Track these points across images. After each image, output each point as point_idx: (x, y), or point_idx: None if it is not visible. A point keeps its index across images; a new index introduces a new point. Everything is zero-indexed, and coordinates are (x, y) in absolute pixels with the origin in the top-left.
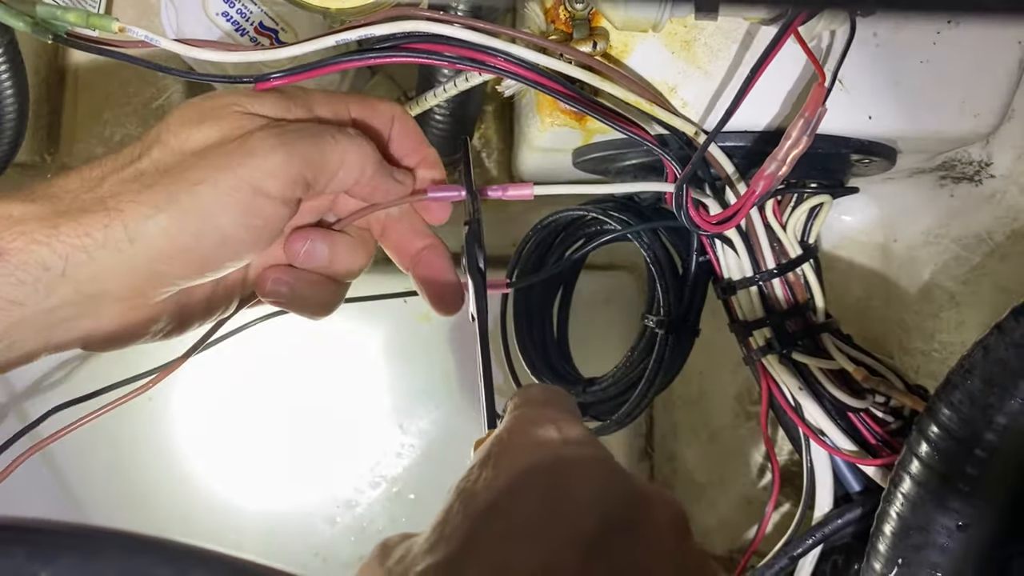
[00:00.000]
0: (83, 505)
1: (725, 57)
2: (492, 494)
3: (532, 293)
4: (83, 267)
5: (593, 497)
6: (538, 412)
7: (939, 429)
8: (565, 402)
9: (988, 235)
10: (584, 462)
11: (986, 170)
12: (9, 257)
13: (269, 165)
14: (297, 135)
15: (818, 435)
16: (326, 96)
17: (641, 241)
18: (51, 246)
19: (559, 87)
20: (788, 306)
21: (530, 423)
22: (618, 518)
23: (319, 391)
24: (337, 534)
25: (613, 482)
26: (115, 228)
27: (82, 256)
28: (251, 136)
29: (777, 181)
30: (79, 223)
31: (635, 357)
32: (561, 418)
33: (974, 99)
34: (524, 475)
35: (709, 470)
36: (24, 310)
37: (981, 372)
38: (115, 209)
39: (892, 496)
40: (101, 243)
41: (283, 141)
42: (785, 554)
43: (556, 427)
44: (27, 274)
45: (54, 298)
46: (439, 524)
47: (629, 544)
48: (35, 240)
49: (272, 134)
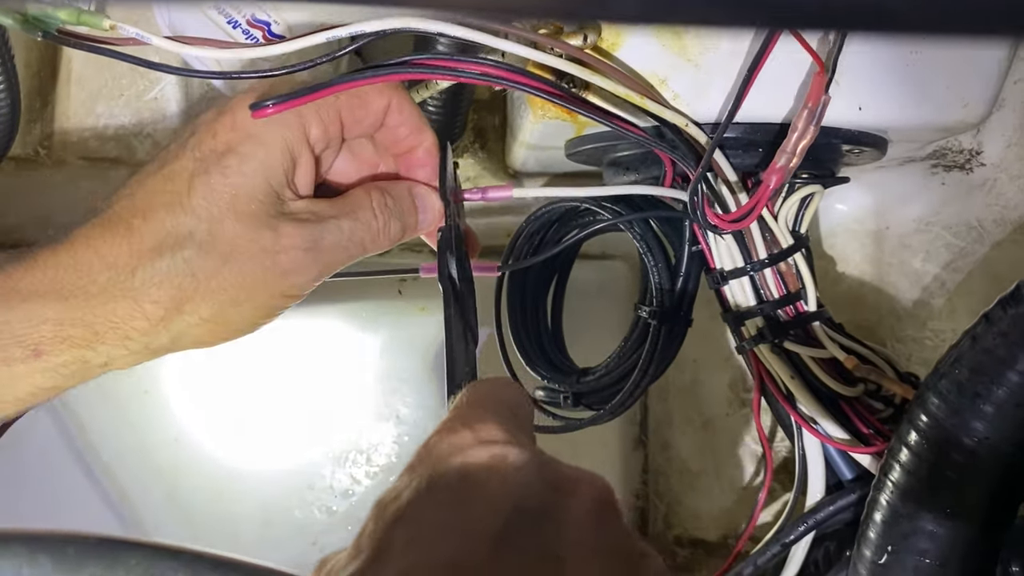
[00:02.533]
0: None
1: (715, 48)
2: (402, 503)
3: (526, 283)
4: (122, 360)
5: (504, 492)
6: (465, 413)
7: (927, 418)
8: (508, 396)
9: (979, 223)
10: (495, 459)
11: (977, 158)
12: (50, 358)
13: (301, 281)
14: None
15: (810, 423)
16: (316, 115)
17: (634, 231)
18: (94, 349)
19: (547, 88)
20: (780, 295)
21: (448, 430)
22: (533, 508)
23: (316, 382)
24: (335, 523)
25: (527, 474)
26: (158, 334)
27: (122, 351)
28: (286, 255)
29: (789, 174)
30: (119, 330)
31: (628, 347)
32: (485, 418)
33: (964, 89)
34: (432, 480)
35: (703, 458)
36: (53, 392)
37: (969, 361)
38: (154, 316)
39: (882, 484)
40: (143, 344)
41: (315, 258)
42: (777, 541)
43: (471, 429)
44: (67, 369)
45: (90, 375)
46: (357, 536)
47: (543, 532)
48: (76, 345)
49: (305, 249)
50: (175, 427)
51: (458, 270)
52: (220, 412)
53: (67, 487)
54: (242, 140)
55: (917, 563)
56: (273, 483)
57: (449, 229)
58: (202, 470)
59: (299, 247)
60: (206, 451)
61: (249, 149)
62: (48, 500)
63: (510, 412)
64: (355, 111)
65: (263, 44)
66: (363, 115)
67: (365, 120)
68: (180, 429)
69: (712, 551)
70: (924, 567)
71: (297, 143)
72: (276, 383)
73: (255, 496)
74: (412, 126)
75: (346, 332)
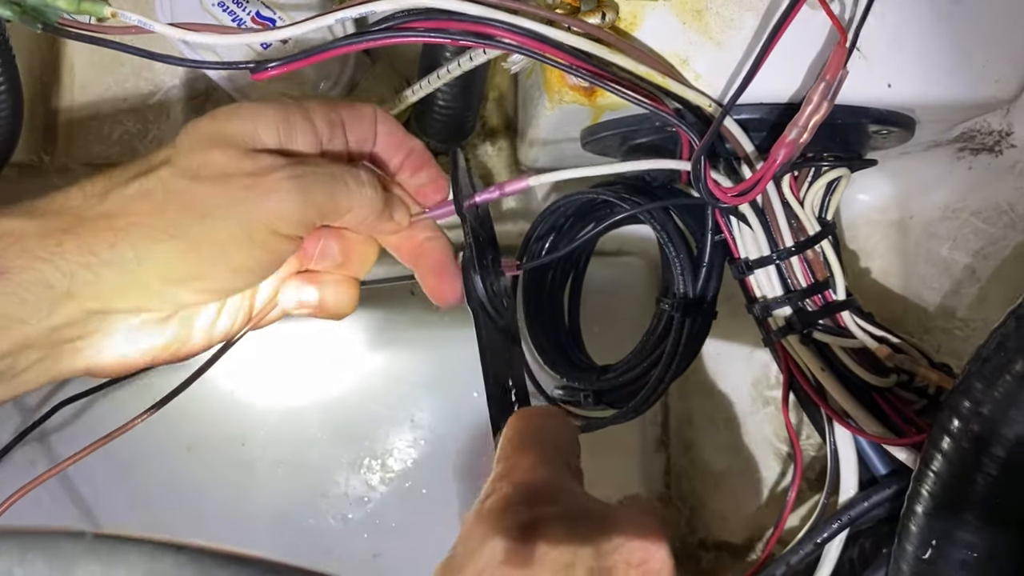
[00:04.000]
0: None
1: (738, 26)
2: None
3: (543, 281)
4: (89, 286)
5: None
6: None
7: (971, 404)
8: (551, 430)
9: (1010, 207)
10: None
11: (1006, 140)
12: (12, 275)
13: (284, 209)
14: (314, 180)
15: (842, 416)
16: (321, 107)
17: (653, 222)
18: (55, 264)
19: (570, 58)
20: (807, 284)
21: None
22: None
23: (329, 388)
24: (350, 531)
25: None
26: (122, 248)
27: (87, 275)
28: (268, 176)
29: (798, 149)
30: (83, 240)
31: (651, 342)
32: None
33: (996, 63)
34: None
35: (727, 458)
36: (27, 328)
37: (1015, 343)
38: (122, 229)
39: (923, 475)
40: (107, 261)
41: (300, 186)
42: (810, 539)
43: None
44: (30, 292)
45: (58, 316)
46: None
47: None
48: (38, 258)
49: (289, 176)
50: (188, 435)
51: (486, 288)
52: (232, 419)
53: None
54: (237, 106)
55: (964, 557)
56: (286, 491)
57: (469, 247)
58: (215, 478)
59: (282, 173)
60: (218, 459)
61: (244, 105)
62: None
63: (554, 449)
64: (350, 111)
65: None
66: (357, 117)
67: (361, 123)
68: (193, 437)
69: (738, 554)
70: (972, 561)
71: (295, 110)
72: (288, 389)
73: (268, 504)
74: (397, 135)
75: (358, 335)
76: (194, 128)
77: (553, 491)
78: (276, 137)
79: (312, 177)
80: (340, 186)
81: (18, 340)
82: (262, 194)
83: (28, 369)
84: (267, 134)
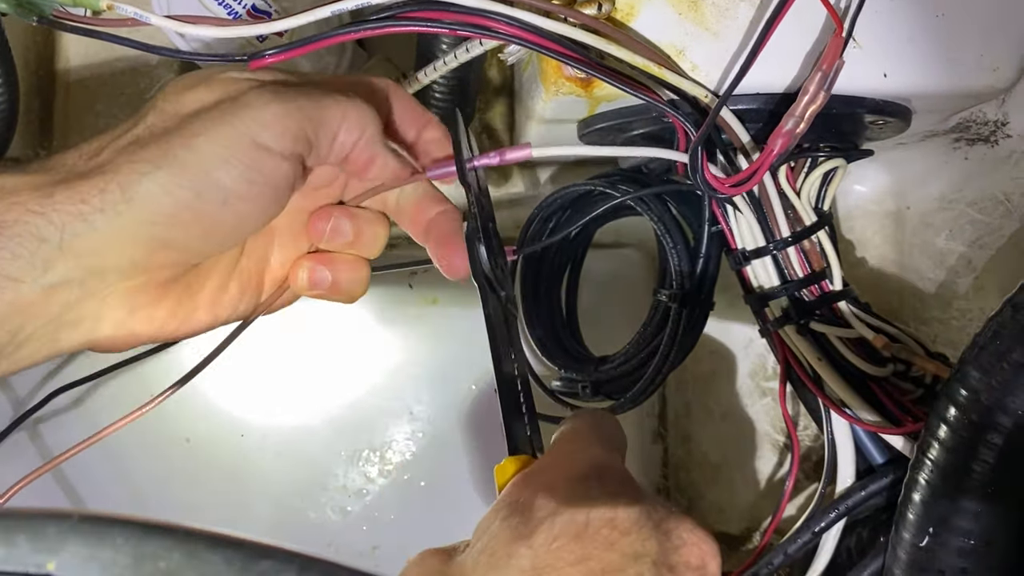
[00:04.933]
0: None
1: (734, 16)
2: None
3: (540, 272)
4: (81, 238)
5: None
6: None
7: (968, 392)
8: (611, 428)
9: (1006, 197)
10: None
11: (1002, 130)
12: (3, 229)
13: (266, 116)
14: (296, 91)
15: (839, 406)
16: (323, 80)
17: (651, 212)
18: (46, 216)
19: (566, 50)
20: (804, 275)
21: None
22: None
23: (327, 380)
24: (349, 524)
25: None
26: (111, 190)
27: (79, 225)
28: (247, 92)
29: (795, 139)
30: (74, 190)
31: (648, 333)
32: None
33: (992, 52)
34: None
35: (724, 450)
36: (22, 287)
37: (1011, 331)
38: (110, 171)
39: (920, 463)
40: (98, 207)
41: (280, 96)
42: (808, 528)
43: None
44: (22, 247)
45: (53, 274)
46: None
47: None
48: (29, 210)
49: (269, 89)
50: (186, 428)
51: (491, 262)
52: (230, 412)
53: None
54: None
55: (961, 544)
56: (285, 484)
57: (475, 217)
58: (213, 471)
59: (261, 87)
60: (217, 451)
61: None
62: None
63: (611, 442)
64: (362, 89)
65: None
66: (371, 96)
67: (372, 99)
68: (191, 430)
69: (736, 545)
70: (968, 548)
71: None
72: (286, 382)
73: (267, 497)
74: (411, 108)
75: (356, 328)
76: (181, 76)
77: (620, 475)
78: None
79: (296, 89)
80: (326, 97)
81: (14, 303)
82: (241, 107)
83: (28, 341)
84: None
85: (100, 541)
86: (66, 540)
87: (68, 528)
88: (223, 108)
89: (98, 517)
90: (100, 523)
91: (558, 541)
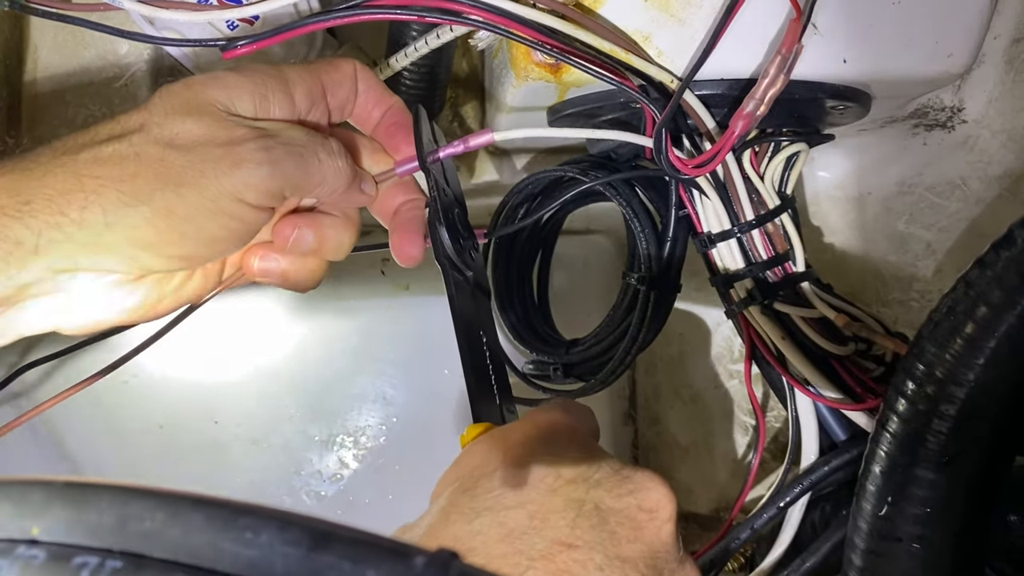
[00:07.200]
0: None
1: (699, 4)
2: None
3: (511, 258)
4: (58, 244)
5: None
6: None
7: (924, 366)
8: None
9: (963, 181)
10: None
11: (958, 116)
12: None
13: (254, 180)
14: (285, 153)
15: (802, 384)
16: (298, 72)
17: (619, 197)
18: (23, 221)
19: (535, 34)
20: (768, 257)
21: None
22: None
23: (300, 366)
24: (324, 508)
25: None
26: (93, 210)
27: (56, 233)
28: (240, 147)
29: (755, 121)
30: (52, 200)
31: (617, 315)
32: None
33: (948, 39)
34: None
35: (693, 431)
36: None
37: (964, 307)
38: (93, 191)
39: (879, 436)
40: (77, 222)
41: (270, 158)
42: (774, 504)
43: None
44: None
45: (27, 274)
46: None
47: None
48: (6, 214)
49: (261, 148)
50: (160, 414)
51: (452, 242)
52: (204, 397)
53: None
54: (214, 74)
55: (917, 512)
56: (259, 468)
57: (435, 200)
58: (188, 457)
59: (254, 144)
60: (191, 437)
61: (219, 73)
62: None
63: (578, 412)
64: (331, 74)
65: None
66: (339, 78)
67: (343, 84)
68: (165, 416)
69: (706, 525)
70: (924, 516)
71: (273, 80)
72: (260, 367)
73: (241, 482)
74: (376, 91)
75: (329, 314)
76: (168, 94)
77: (579, 437)
78: (252, 107)
79: (283, 150)
80: (311, 159)
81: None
82: (232, 165)
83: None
84: (242, 104)
85: (85, 504)
86: (51, 505)
87: (53, 493)
88: (215, 158)
89: (82, 483)
90: (84, 488)
91: (501, 488)
